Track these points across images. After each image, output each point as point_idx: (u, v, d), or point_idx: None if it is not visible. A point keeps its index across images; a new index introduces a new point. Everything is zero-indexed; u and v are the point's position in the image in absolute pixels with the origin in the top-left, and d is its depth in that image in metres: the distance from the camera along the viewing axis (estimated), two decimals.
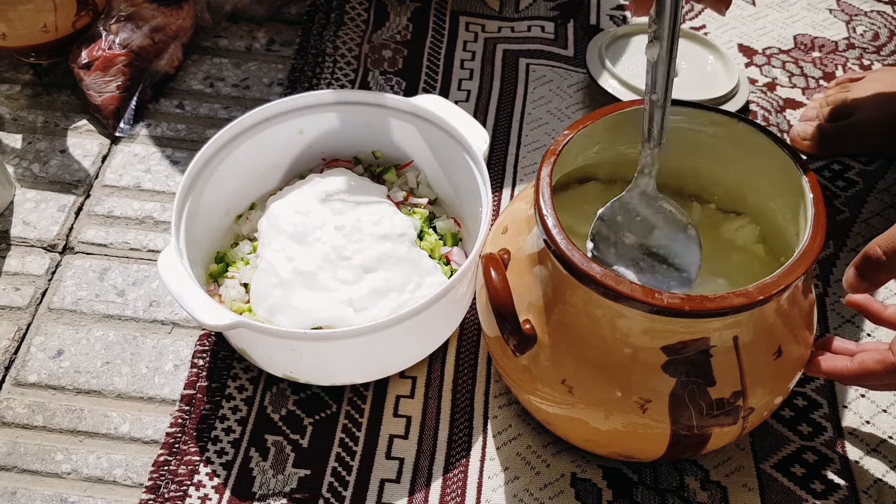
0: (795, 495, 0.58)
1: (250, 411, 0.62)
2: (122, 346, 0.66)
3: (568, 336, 0.50)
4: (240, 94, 0.85)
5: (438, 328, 0.61)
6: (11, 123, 0.81)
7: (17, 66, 0.86)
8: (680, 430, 0.50)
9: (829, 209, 0.51)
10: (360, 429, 0.62)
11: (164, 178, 0.78)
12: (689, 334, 0.48)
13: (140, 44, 0.81)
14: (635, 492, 0.58)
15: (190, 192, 0.63)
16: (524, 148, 0.80)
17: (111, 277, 0.71)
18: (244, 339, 0.59)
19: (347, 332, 0.54)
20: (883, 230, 0.49)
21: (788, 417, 0.62)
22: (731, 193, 0.61)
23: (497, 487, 0.59)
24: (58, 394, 0.64)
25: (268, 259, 0.62)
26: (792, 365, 0.52)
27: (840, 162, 0.79)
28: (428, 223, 0.68)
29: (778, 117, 0.83)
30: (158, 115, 0.83)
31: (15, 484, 0.59)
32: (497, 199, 0.76)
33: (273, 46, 0.90)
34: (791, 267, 0.47)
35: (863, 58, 0.89)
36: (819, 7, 0.94)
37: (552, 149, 0.53)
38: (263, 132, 0.67)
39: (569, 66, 0.88)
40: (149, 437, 0.62)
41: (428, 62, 0.87)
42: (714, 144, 0.58)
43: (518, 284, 0.52)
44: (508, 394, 0.63)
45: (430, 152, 0.69)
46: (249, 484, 0.59)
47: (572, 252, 0.47)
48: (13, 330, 0.67)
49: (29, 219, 0.74)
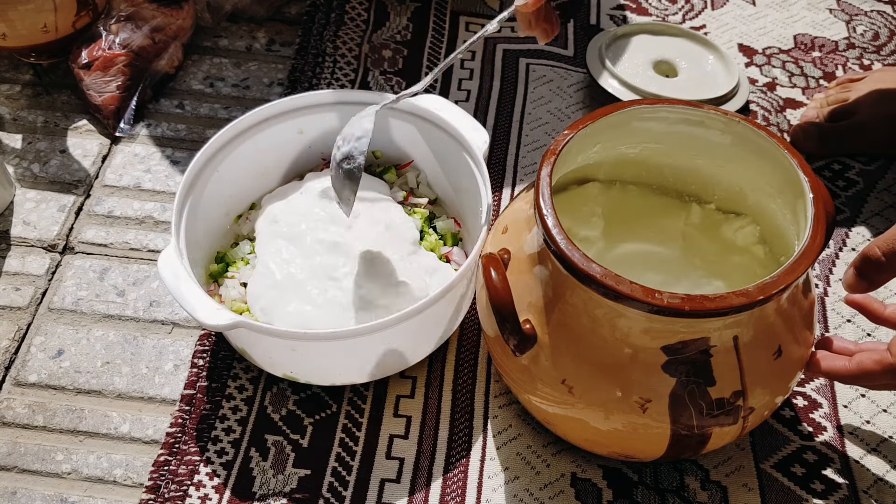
0: (795, 495, 0.58)
1: (250, 411, 0.62)
2: (122, 346, 0.66)
3: (568, 336, 0.50)
4: (240, 94, 0.85)
5: (438, 328, 0.61)
6: (11, 123, 0.81)
7: (17, 66, 0.86)
8: (680, 430, 0.50)
9: (829, 209, 0.51)
10: (361, 429, 0.62)
11: (165, 178, 0.78)
12: (690, 334, 0.48)
13: (140, 44, 0.81)
14: (635, 492, 0.58)
15: (190, 192, 0.63)
16: (524, 148, 0.80)
17: (111, 277, 0.71)
18: (244, 339, 0.59)
19: (347, 332, 0.54)
20: (883, 230, 0.49)
21: (788, 417, 0.62)
22: (731, 193, 0.61)
23: (497, 487, 0.59)
24: (58, 394, 0.64)
25: (263, 261, 0.62)
26: (792, 365, 0.52)
27: (840, 162, 0.79)
28: (428, 223, 0.68)
29: (778, 117, 0.83)
30: (158, 115, 0.83)
31: (15, 484, 0.59)
32: (497, 199, 0.76)
33: (273, 46, 0.90)
34: (791, 267, 0.47)
35: (863, 58, 0.89)
36: (819, 7, 0.94)
37: (552, 149, 0.53)
38: (263, 132, 0.67)
39: (569, 66, 0.88)
40: (149, 437, 0.62)
41: (428, 62, 0.87)
42: (714, 144, 0.58)
43: (518, 284, 0.52)
44: (508, 394, 0.63)
45: (430, 152, 0.69)
46: (249, 484, 0.59)
47: (572, 252, 0.47)
48: (13, 330, 0.67)
49: (29, 219, 0.74)
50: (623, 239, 0.62)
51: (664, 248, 0.62)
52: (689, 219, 0.63)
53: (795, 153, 0.53)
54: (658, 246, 0.63)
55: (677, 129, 0.58)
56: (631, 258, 0.62)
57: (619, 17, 0.93)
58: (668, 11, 0.93)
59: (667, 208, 0.64)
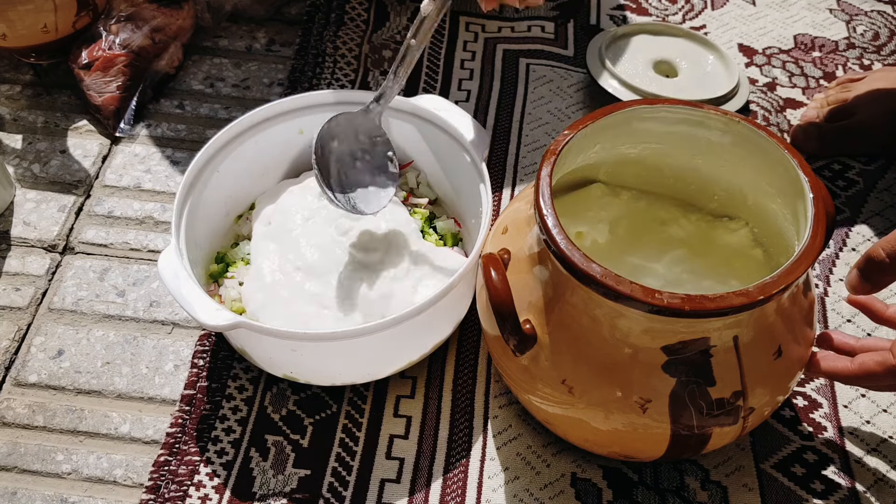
0: (796, 495, 0.58)
1: (250, 411, 0.62)
2: (122, 347, 0.66)
3: (568, 336, 0.50)
4: (240, 95, 0.85)
5: (438, 328, 0.61)
6: (12, 124, 0.81)
7: (17, 66, 0.86)
8: (680, 430, 0.50)
9: (830, 209, 0.51)
10: (361, 429, 0.62)
11: (165, 178, 0.78)
12: (690, 334, 0.48)
13: (140, 44, 0.82)
14: (635, 492, 0.58)
15: (190, 193, 0.63)
16: (524, 148, 0.80)
17: (111, 278, 0.71)
18: (244, 339, 0.59)
19: (347, 333, 0.54)
20: (883, 230, 0.49)
21: (788, 417, 0.62)
22: (731, 193, 0.61)
23: (497, 487, 0.59)
24: (58, 394, 0.64)
25: (255, 262, 0.62)
26: (792, 365, 0.52)
27: (840, 162, 0.79)
28: (428, 223, 0.68)
29: (778, 117, 0.83)
30: (158, 116, 0.83)
31: (15, 484, 0.59)
32: (497, 199, 0.76)
33: (273, 46, 0.90)
34: (791, 267, 0.47)
35: (863, 58, 0.89)
36: (819, 7, 0.94)
37: (552, 149, 0.53)
38: (263, 132, 0.67)
39: (569, 66, 0.88)
40: (149, 437, 0.62)
41: (428, 62, 0.87)
42: (714, 144, 0.58)
43: (518, 284, 0.52)
44: (508, 394, 0.63)
45: (430, 152, 0.69)
46: (250, 484, 0.59)
47: (572, 252, 0.47)
48: (13, 330, 0.67)
49: (29, 219, 0.74)
50: (625, 250, 0.62)
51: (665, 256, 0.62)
52: (688, 225, 0.63)
53: (795, 153, 0.53)
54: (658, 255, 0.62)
55: (677, 129, 0.58)
56: (633, 270, 0.61)
57: (619, 17, 0.93)
58: (668, 11, 0.93)
59: (667, 215, 0.64)
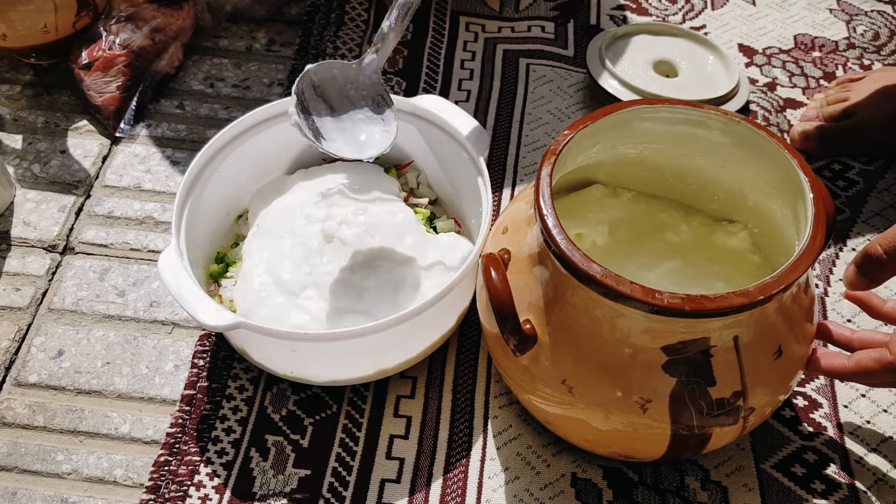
0: (796, 495, 0.58)
1: (250, 411, 0.62)
2: (122, 347, 0.66)
3: (568, 336, 0.50)
4: (240, 95, 0.85)
5: (438, 328, 0.61)
6: (12, 124, 0.81)
7: (17, 66, 0.86)
8: (680, 430, 0.50)
9: (830, 209, 0.51)
10: (361, 429, 0.62)
11: (165, 178, 0.78)
12: (690, 334, 0.48)
13: (140, 44, 0.82)
14: (635, 492, 0.58)
15: (190, 193, 0.63)
16: (524, 148, 0.80)
17: (111, 278, 0.71)
18: (244, 339, 0.59)
19: (347, 333, 0.54)
20: (883, 230, 0.49)
21: (788, 417, 0.62)
22: (731, 193, 0.61)
23: (497, 487, 0.59)
24: (58, 394, 0.64)
25: (245, 264, 0.62)
26: (792, 364, 0.52)
27: (840, 162, 0.79)
28: (428, 223, 0.68)
29: (778, 117, 0.83)
30: (159, 116, 0.83)
31: (15, 484, 0.59)
32: (497, 199, 0.76)
33: (273, 46, 0.90)
34: (791, 266, 0.47)
35: (863, 58, 0.89)
36: (819, 7, 0.94)
37: (552, 149, 0.53)
38: (263, 132, 0.67)
39: (569, 66, 0.88)
40: (149, 437, 0.62)
41: (428, 62, 0.87)
42: (714, 144, 0.58)
43: (518, 284, 0.52)
44: (508, 394, 0.63)
45: (430, 152, 0.69)
46: (250, 484, 0.59)
47: (572, 252, 0.47)
48: (13, 330, 0.67)
49: (29, 219, 0.74)
50: (623, 254, 0.62)
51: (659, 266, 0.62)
52: (687, 229, 0.63)
53: (795, 153, 0.53)
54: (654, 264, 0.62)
55: (677, 130, 0.58)
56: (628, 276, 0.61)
57: (619, 17, 0.93)
58: (668, 11, 0.93)
59: (667, 218, 0.64)
